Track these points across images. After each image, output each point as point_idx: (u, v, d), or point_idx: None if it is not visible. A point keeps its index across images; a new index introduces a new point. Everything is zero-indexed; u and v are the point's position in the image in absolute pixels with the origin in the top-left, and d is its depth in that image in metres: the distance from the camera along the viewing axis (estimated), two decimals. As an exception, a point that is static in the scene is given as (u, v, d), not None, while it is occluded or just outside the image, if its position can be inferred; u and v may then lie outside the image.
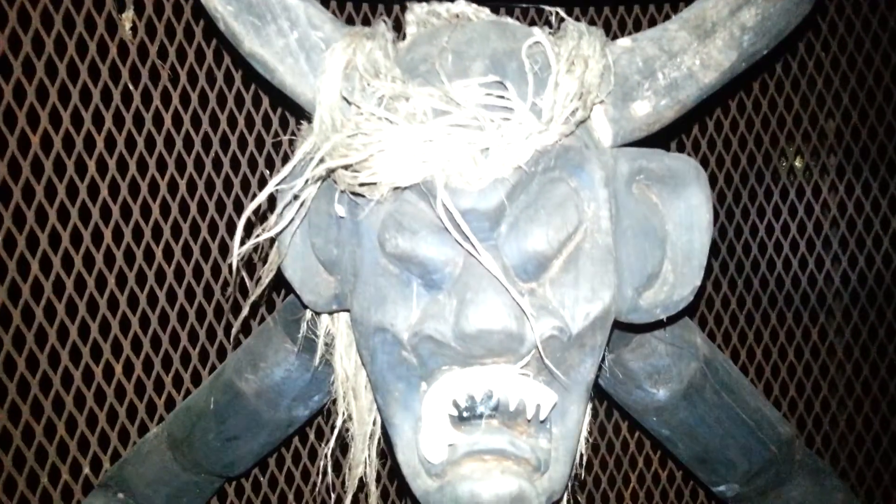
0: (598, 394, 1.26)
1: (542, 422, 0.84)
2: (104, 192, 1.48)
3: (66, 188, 1.46)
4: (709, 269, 1.67)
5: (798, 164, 1.79)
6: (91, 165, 1.47)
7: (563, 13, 0.87)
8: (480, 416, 0.82)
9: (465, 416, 0.83)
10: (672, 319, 0.99)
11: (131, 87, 1.49)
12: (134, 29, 1.49)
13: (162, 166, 1.51)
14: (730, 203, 1.73)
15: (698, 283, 0.93)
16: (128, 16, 1.49)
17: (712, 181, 1.69)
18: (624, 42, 0.91)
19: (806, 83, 1.72)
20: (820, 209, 1.75)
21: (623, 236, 0.90)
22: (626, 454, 1.72)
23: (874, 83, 1.74)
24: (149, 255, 1.51)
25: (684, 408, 1.17)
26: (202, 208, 1.53)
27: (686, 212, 0.92)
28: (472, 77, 0.80)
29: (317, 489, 1.44)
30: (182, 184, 1.52)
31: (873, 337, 1.78)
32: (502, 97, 0.78)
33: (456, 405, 0.82)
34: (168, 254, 1.53)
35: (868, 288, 1.79)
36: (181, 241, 1.53)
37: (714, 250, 1.68)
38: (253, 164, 1.56)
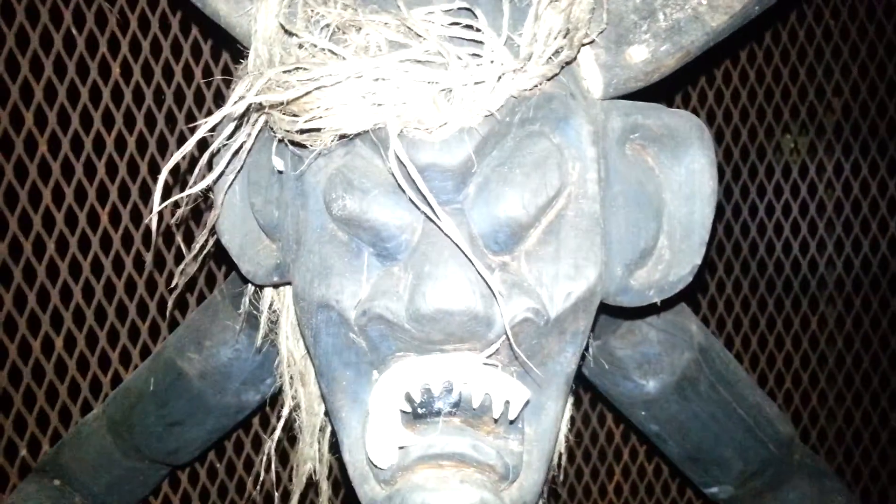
0: (582, 384, 1.20)
1: (513, 421, 0.73)
2: (43, 148, 1.36)
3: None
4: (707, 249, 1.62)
5: (800, 141, 1.73)
6: (28, 116, 1.35)
7: None
8: (438, 413, 0.70)
9: (419, 413, 0.71)
10: (667, 303, 0.89)
11: (74, 30, 1.36)
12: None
13: (87, 122, 1.39)
14: (728, 180, 1.67)
15: (698, 261, 0.82)
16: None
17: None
18: None
19: (814, 54, 1.67)
20: (823, 189, 1.70)
21: (613, 204, 0.78)
22: (611, 445, 1.64)
23: (877, 67, 1.68)
24: (93, 220, 1.40)
25: (676, 402, 1.10)
26: (132, 169, 1.41)
27: (687, 178, 0.81)
28: (435, 2, 0.68)
29: (260, 484, 1.33)
30: (109, 142, 1.40)
31: (876, 326, 1.73)
32: (472, 28, 0.66)
33: (409, 399, 0.71)
34: (116, 219, 1.42)
35: (872, 275, 1.73)
36: (129, 206, 1.42)
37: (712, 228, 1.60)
38: (191, 120, 1.43)
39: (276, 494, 1.13)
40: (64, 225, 1.38)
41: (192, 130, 1.33)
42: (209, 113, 1.27)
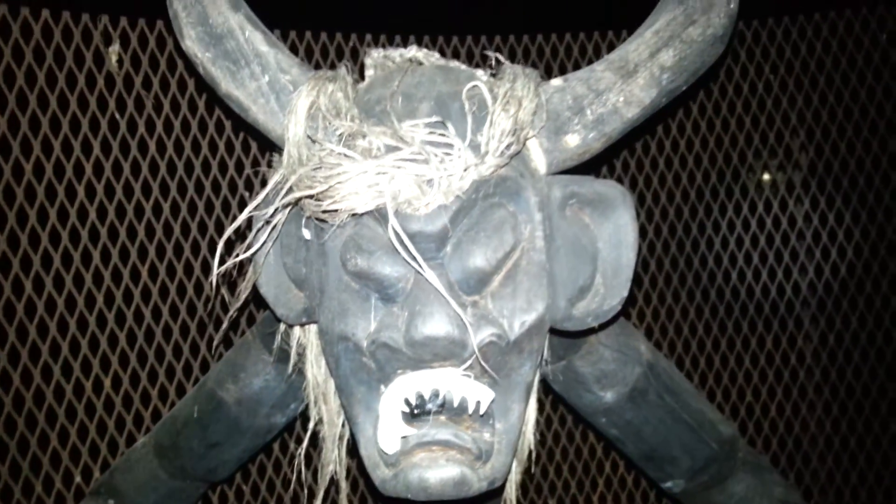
0: (553, 398, 1.33)
1: (484, 417, 0.95)
2: (93, 216, 1.58)
3: (56, 212, 1.55)
4: (682, 280, 1.80)
5: (766, 177, 1.89)
6: (80, 191, 1.57)
7: (501, 58, 0.99)
8: (429, 413, 0.93)
9: (416, 413, 0.93)
10: (604, 326, 1.09)
11: (118, 115, 1.59)
12: (120, 62, 1.59)
13: (147, 191, 1.61)
14: (701, 218, 1.84)
15: (626, 293, 1.03)
16: (114, 49, 1.59)
17: (685, 195, 1.81)
18: (556, 82, 1.02)
19: (772, 102, 1.84)
20: (787, 221, 1.85)
21: (557, 254, 1.00)
22: (573, 445, 1.82)
23: (835, 101, 1.85)
24: (135, 274, 1.61)
25: (630, 409, 1.26)
26: (185, 230, 1.63)
27: (614, 231, 1.02)
28: (419, 117, 0.92)
29: (290, 488, 1.52)
30: (166, 207, 1.62)
31: (846, 352, 1.87)
32: (444, 135, 0.89)
33: (408, 403, 0.93)
34: (153, 273, 1.63)
35: (833, 297, 1.88)
36: (165, 261, 1.63)
37: (688, 261, 1.79)
38: (233, 188, 1.66)
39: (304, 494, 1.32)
40: (111, 281, 1.59)
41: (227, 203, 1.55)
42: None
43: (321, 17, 1.63)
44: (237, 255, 0.97)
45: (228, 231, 0.92)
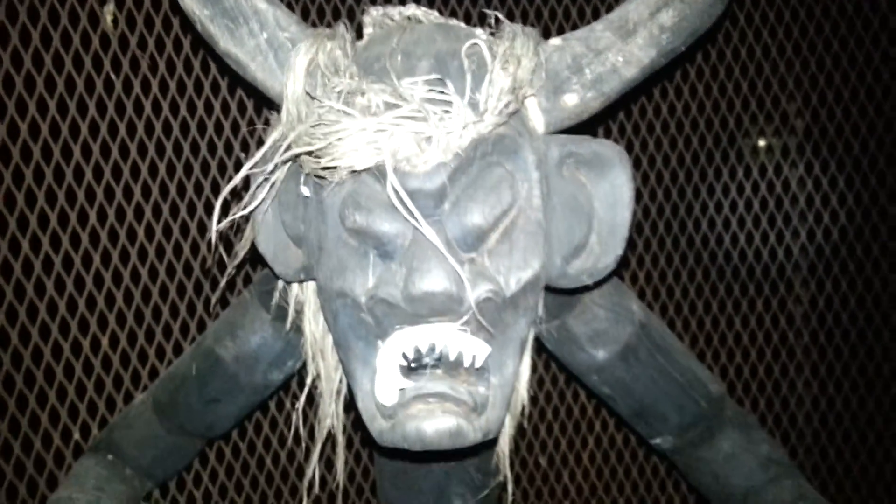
0: (546, 357, 1.35)
1: (480, 371, 0.97)
2: (89, 176, 1.58)
3: (52, 173, 1.56)
4: (675, 243, 1.82)
5: (762, 142, 1.90)
6: (76, 151, 1.57)
7: (501, 16, 0.99)
8: (426, 366, 0.95)
9: (413, 367, 0.95)
10: (598, 285, 1.12)
11: (113, 75, 1.59)
12: (115, 21, 1.59)
13: (143, 151, 1.61)
14: (696, 181, 1.85)
15: (621, 252, 1.05)
16: (109, 9, 1.58)
17: (680, 159, 1.83)
18: (555, 41, 1.03)
19: (769, 67, 1.84)
20: (781, 186, 1.87)
21: (553, 212, 1.02)
22: (564, 404, 1.86)
23: (833, 66, 1.86)
24: (131, 235, 1.61)
25: (621, 367, 1.29)
26: (181, 190, 1.64)
27: (610, 190, 1.03)
28: (417, 75, 0.92)
29: (287, 443, 1.55)
30: (162, 167, 1.63)
31: (849, 315, 1.89)
32: (443, 92, 0.90)
33: (405, 357, 0.95)
34: (149, 232, 1.63)
35: (825, 261, 1.90)
36: (161, 221, 1.64)
37: (681, 224, 1.82)
38: (229, 149, 1.67)
39: (299, 451, 1.35)
40: (108, 241, 1.60)
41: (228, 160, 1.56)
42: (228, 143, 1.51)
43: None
44: (236, 213, 0.98)
45: (227, 188, 0.94)
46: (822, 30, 1.85)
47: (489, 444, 1.07)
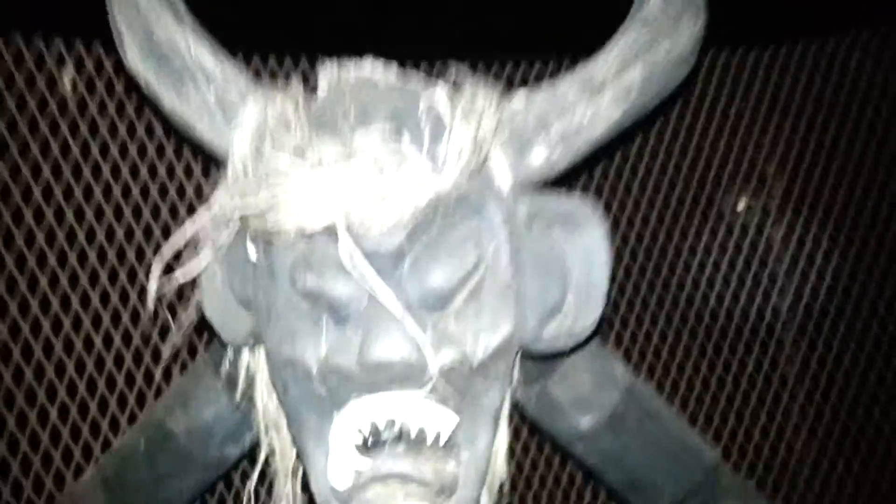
0: (529, 425, 1.29)
1: (447, 447, 0.89)
2: (41, 240, 1.51)
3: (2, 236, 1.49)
4: (659, 304, 1.78)
5: (741, 202, 1.90)
6: (28, 215, 1.52)
7: (463, 70, 0.94)
8: (384, 444, 0.86)
9: (369, 445, 0.87)
10: (578, 349, 1.05)
11: (70, 140, 1.54)
12: (74, 86, 1.55)
13: (100, 215, 1.56)
14: (676, 242, 1.84)
15: (599, 313, 0.98)
16: (68, 74, 1.54)
17: (660, 219, 1.80)
18: (518, 98, 0.98)
19: (744, 130, 1.85)
20: (764, 246, 1.86)
21: (524, 273, 0.95)
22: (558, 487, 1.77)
23: (806, 128, 1.88)
24: (85, 303, 1.55)
25: (608, 436, 1.21)
26: (140, 255, 1.57)
27: (585, 249, 0.97)
28: (372, 129, 0.87)
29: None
30: (101, 231, 1.56)
31: (829, 375, 1.87)
32: (399, 146, 0.85)
33: (361, 433, 0.87)
34: (85, 301, 1.57)
35: (815, 321, 1.89)
36: (99, 288, 1.58)
37: (664, 287, 1.77)
38: (174, 213, 1.60)
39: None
40: (59, 308, 1.53)
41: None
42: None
43: (270, 40, 1.59)
44: (178, 277, 0.91)
45: (166, 249, 0.87)
46: (793, 92, 1.86)
47: None
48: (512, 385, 1.04)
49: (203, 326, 1.05)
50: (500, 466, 1.08)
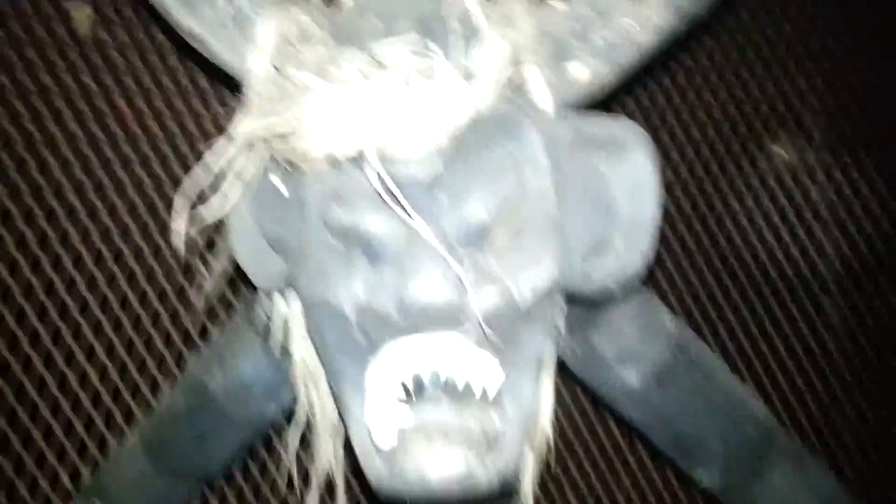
0: (571, 381, 1.24)
1: (493, 400, 0.83)
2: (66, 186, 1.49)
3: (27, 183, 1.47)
4: (690, 258, 1.70)
5: (779, 152, 1.80)
6: (53, 163, 1.49)
7: None
8: (428, 397, 0.81)
9: (413, 397, 0.81)
10: (626, 295, 0.97)
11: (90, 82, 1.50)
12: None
13: (126, 162, 1.53)
14: (710, 191, 1.75)
15: (648, 249, 0.91)
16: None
17: (693, 163, 1.71)
18: (556, 3, 0.90)
19: (791, 67, 1.76)
20: (802, 196, 1.76)
21: (567, 204, 0.88)
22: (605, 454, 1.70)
23: (852, 68, 1.77)
24: (119, 258, 1.52)
25: (655, 390, 1.15)
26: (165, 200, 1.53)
27: (632, 178, 0.89)
28: (399, 39, 0.79)
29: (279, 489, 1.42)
30: (147, 180, 1.52)
31: (876, 318, 1.77)
32: (430, 58, 0.77)
33: (403, 386, 0.81)
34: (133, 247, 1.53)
35: (854, 275, 1.80)
36: (152, 242, 1.53)
37: (695, 237, 1.69)
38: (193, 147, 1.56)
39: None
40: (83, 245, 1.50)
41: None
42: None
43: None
44: (203, 215, 0.87)
45: (187, 186, 0.82)
46: (834, 27, 1.74)
47: (509, 493, 0.93)
48: (558, 334, 0.96)
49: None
50: (545, 424, 1.01)
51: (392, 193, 0.76)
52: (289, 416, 1.21)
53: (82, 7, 1.49)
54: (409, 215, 0.77)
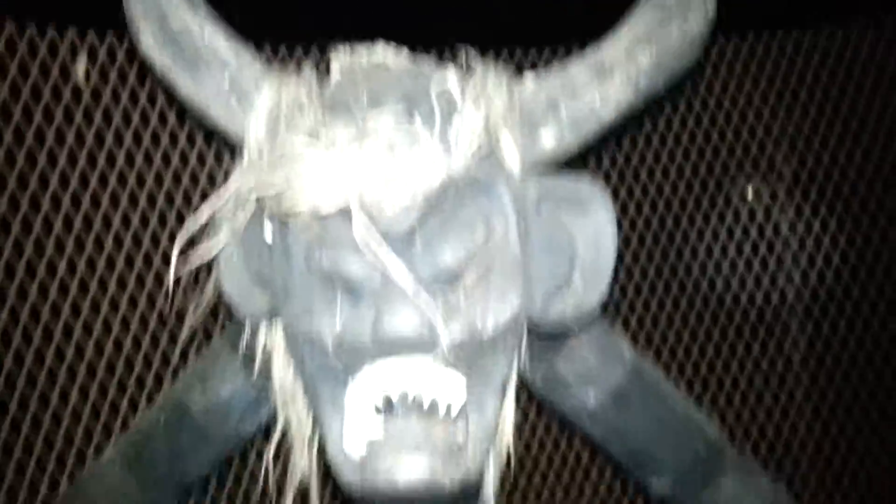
0: (537, 403, 1.32)
1: (456, 415, 0.92)
2: (57, 227, 1.54)
3: (19, 222, 1.51)
4: (667, 289, 1.79)
5: (750, 188, 1.93)
6: (44, 202, 1.55)
7: (473, 54, 0.97)
8: (398, 414, 0.90)
9: (383, 414, 0.90)
10: (584, 328, 1.08)
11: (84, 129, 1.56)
12: (88, 75, 1.57)
13: (115, 203, 1.58)
14: (684, 227, 1.87)
15: (605, 290, 1.01)
16: (82, 64, 1.56)
17: (668, 205, 1.80)
18: (529, 81, 1.00)
19: (753, 116, 1.89)
20: (771, 231, 1.88)
21: (532, 252, 0.98)
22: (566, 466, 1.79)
23: (816, 113, 1.91)
24: (83, 286, 1.57)
25: (612, 411, 1.24)
26: (154, 241, 1.59)
27: (593, 230, 1.00)
28: (385, 111, 0.89)
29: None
30: (135, 219, 1.58)
31: (835, 358, 1.89)
32: (412, 128, 0.87)
33: (374, 403, 0.90)
34: (102, 286, 1.60)
35: (821, 304, 1.92)
36: (116, 272, 1.60)
37: (672, 271, 1.79)
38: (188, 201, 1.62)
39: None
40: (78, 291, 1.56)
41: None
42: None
43: (281, 28, 1.61)
44: (196, 254, 0.94)
45: (184, 230, 0.89)
46: (804, 76, 1.86)
47: (472, 494, 1.02)
48: (520, 361, 1.07)
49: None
50: (507, 433, 1.11)
51: (371, 242, 0.85)
52: (266, 431, 1.29)
53: (80, 59, 1.54)
54: (384, 260, 0.85)
